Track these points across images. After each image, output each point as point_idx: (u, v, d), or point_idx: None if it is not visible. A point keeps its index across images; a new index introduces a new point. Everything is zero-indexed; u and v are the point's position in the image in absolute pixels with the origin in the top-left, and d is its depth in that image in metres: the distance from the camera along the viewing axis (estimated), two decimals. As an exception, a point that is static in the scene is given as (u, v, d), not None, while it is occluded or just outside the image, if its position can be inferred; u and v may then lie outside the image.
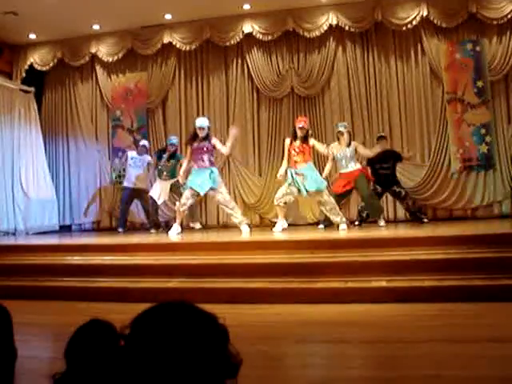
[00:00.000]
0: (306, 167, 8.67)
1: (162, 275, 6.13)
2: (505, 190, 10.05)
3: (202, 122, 8.98)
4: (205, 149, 8.79)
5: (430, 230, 8.24)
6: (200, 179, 8.69)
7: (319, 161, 10.75)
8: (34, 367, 3.58)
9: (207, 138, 8.87)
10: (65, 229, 12.24)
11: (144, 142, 10.87)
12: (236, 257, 6.42)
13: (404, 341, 3.87)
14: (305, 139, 8.74)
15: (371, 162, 9.46)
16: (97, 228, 12.22)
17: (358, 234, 8.05)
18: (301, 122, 8.88)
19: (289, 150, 8.84)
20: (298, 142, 8.73)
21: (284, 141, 9.20)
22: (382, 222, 9.18)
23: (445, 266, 5.56)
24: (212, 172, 8.75)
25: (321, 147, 9.03)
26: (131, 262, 6.62)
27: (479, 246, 5.88)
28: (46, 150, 12.11)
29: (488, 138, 10.10)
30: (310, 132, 8.99)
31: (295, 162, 8.70)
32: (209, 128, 9.05)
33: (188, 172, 9.05)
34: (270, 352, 3.84)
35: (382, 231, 8.37)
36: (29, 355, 4.01)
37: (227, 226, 11.09)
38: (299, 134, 8.74)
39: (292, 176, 8.65)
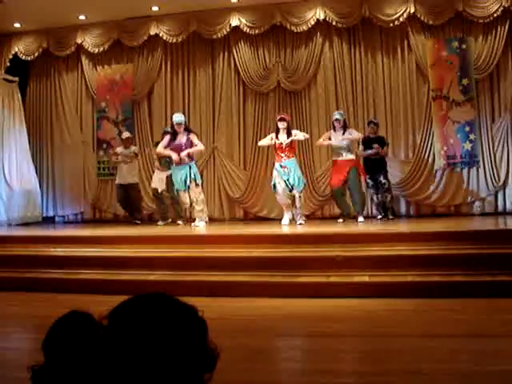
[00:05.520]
0: (290, 162, 8.84)
1: (144, 268, 6.12)
2: (488, 187, 10.13)
3: (179, 118, 9.13)
4: (183, 146, 8.95)
5: (413, 226, 8.30)
6: (180, 176, 8.92)
7: (309, 155, 10.82)
8: (15, 358, 3.57)
9: (187, 134, 9.04)
10: (48, 220, 12.16)
11: (127, 134, 10.74)
12: (218, 250, 6.42)
13: (385, 335, 3.89)
14: (288, 133, 8.83)
15: (360, 145, 9.71)
16: (80, 220, 12.16)
17: (341, 228, 8.08)
18: (281, 114, 9.26)
19: (274, 145, 8.96)
20: (282, 137, 8.82)
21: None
22: (361, 218, 9.21)
23: (427, 261, 5.61)
24: (191, 167, 8.96)
25: (301, 135, 9.17)
26: (114, 255, 6.61)
27: (461, 243, 5.94)
28: (29, 140, 11.97)
29: (472, 136, 10.16)
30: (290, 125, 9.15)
31: (280, 157, 8.82)
32: (185, 123, 9.25)
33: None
34: (251, 345, 3.85)
35: (366, 227, 8.40)
36: (10, 346, 4.00)
37: (212, 220, 11.09)
38: (280, 126, 8.86)
39: (277, 169, 8.88)
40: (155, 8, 10.90)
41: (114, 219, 11.17)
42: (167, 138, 9.16)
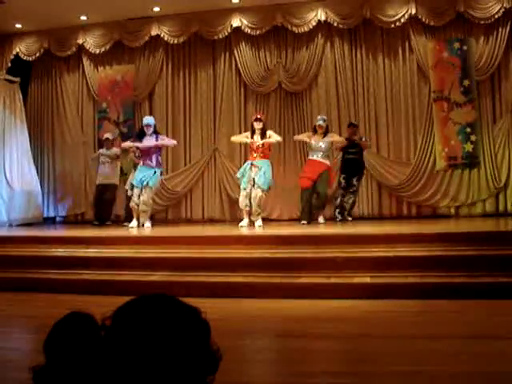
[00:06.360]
0: (262, 162, 8.89)
1: (144, 268, 6.12)
2: (489, 188, 10.13)
3: (149, 120, 9.28)
4: (152, 148, 9.08)
5: (414, 227, 8.29)
6: (142, 176, 9.00)
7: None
8: (15, 359, 3.57)
9: (155, 136, 9.16)
10: (49, 220, 12.17)
11: (106, 135, 10.73)
12: (219, 251, 6.42)
13: (386, 337, 3.89)
14: (263, 133, 8.86)
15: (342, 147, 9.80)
16: (81, 220, 12.15)
17: (341, 230, 8.08)
18: (257, 114, 9.31)
19: (249, 145, 9.12)
20: (257, 138, 8.88)
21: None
22: (321, 220, 9.46)
23: (427, 263, 5.61)
24: (155, 173, 9.06)
25: (276, 136, 9.23)
26: (114, 255, 6.61)
27: (462, 244, 5.94)
28: (30, 140, 11.97)
29: (473, 137, 10.16)
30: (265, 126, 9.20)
31: (254, 157, 8.94)
32: (155, 126, 9.33)
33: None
34: (251, 346, 3.85)
35: (366, 227, 8.39)
36: (10, 347, 4.00)
37: (213, 221, 11.10)
38: (256, 126, 8.93)
39: (245, 170, 8.93)
40: (156, 9, 10.91)
41: (115, 220, 11.15)
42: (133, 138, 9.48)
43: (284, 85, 11.13)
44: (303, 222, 9.16)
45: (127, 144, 9.58)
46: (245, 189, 8.88)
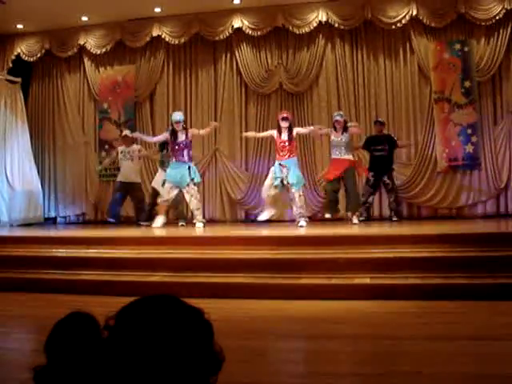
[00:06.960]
0: (290, 161, 8.79)
1: (145, 269, 6.12)
2: (489, 189, 10.12)
3: (178, 116, 9.28)
4: (184, 144, 9.07)
5: (415, 228, 8.29)
6: (179, 173, 8.94)
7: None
8: (16, 359, 3.57)
9: (185, 132, 9.16)
10: (50, 221, 12.18)
11: (125, 132, 10.53)
12: (220, 252, 6.41)
13: (386, 337, 3.89)
14: (289, 132, 8.81)
15: (367, 144, 9.82)
16: (82, 220, 12.16)
17: (342, 230, 8.07)
18: (283, 113, 9.17)
19: (276, 143, 8.96)
20: (284, 136, 8.82)
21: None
22: (355, 220, 9.19)
23: (428, 264, 5.60)
24: (190, 167, 9.01)
25: (303, 129, 9.37)
26: (115, 256, 6.60)
27: (463, 245, 5.93)
28: (32, 141, 11.98)
29: (474, 138, 10.16)
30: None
31: (281, 155, 8.83)
32: (184, 122, 9.42)
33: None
34: (252, 347, 3.85)
35: (367, 229, 8.40)
36: (11, 347, 4.00)
37: (213, 221, 11.09)
38: (283, 125, 8.85)
39: (276, 167, 8.82)
40: (158, 9, 10.91)
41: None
42: (165, 134, 9.41)
43: (285, 86, 11.13)
44: (327, 215, 9.11)
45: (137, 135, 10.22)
46: (273, 183, 8.78)
